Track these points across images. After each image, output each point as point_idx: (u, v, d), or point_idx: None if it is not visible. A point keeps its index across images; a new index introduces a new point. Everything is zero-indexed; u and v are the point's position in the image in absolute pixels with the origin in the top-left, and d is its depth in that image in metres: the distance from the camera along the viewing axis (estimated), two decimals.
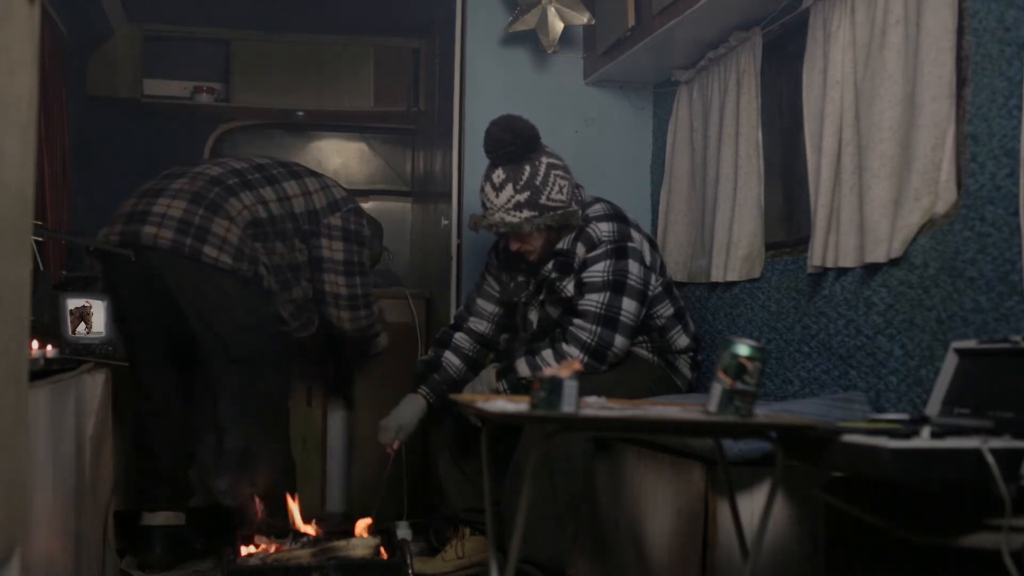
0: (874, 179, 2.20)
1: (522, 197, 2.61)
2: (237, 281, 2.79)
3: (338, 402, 3.63)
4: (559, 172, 2.66)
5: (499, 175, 2.64)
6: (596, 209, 2.74)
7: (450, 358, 2.91)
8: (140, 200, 2.86)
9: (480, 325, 2.95)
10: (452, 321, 3.05)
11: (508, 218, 2.63)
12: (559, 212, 2.64)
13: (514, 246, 2.71)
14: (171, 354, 2.95)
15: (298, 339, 3.08)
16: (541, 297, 2.78)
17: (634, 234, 2.71)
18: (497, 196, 2.63)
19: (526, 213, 2.62)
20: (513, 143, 2.61)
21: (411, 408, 2.84)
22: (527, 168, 2.62)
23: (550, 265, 2.73)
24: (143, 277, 2.79)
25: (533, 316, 2.82)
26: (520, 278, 2.84)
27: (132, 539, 3.02)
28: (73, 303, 2.31)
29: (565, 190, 2.66)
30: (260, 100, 4.24)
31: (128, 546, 3.02)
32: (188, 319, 2.81)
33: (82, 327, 2.30)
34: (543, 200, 2.62)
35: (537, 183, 2.62)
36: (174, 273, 2.77)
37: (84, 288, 2.85)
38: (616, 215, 2.73)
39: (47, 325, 2.33)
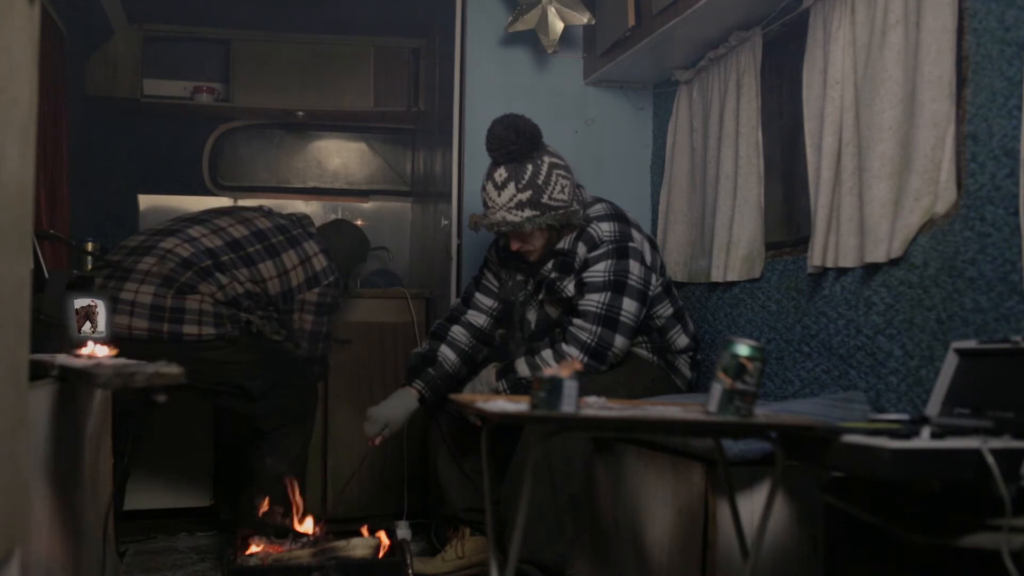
0: (874, 179, 2.20)
1: (524, 196, 2.61)
2: (226, 343, 2.77)
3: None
4: (561, 172, 2.66)
5: (501, 174, 2.63)
6: (597, 209, 2.74)
7: (446, 352, 2.89)
8: (107, 282, 2.74)
9: (478, 319, 2.95)
10: (448, 314, 3.04)
11: (510, 217, 2.63)
12: (561, 211, 2.64)
13: (515, 246, 2.70)
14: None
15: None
16: (540, 297, 2.78)
17: (635, 234, 2.71)
18: (499, 195, 2.63)
19: (528, 212, 2.62)
20: (516, 142, 2.60)
21: (402, 403, 2.81)
22: (529, 167, 2.62)
23: (550, 265, 2.73)
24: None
25: (531, 316, 2.81)
26: (519, 277, 2.83)
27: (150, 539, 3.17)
28: (79, 302, 2.31)
29: (567, 190, 2.66)
30: (260, 100, 4.24)
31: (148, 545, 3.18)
32: (192, 385, 2.83)
33: (87, 326, 2.30)
34: (545, 199, 2.62)
35: (539, 182, 2.62)
36: (158, 357, 2.73)
37: (83, 288, 2.86)
38: (617, 215, 2.73)
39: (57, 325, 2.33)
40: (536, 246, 2.70)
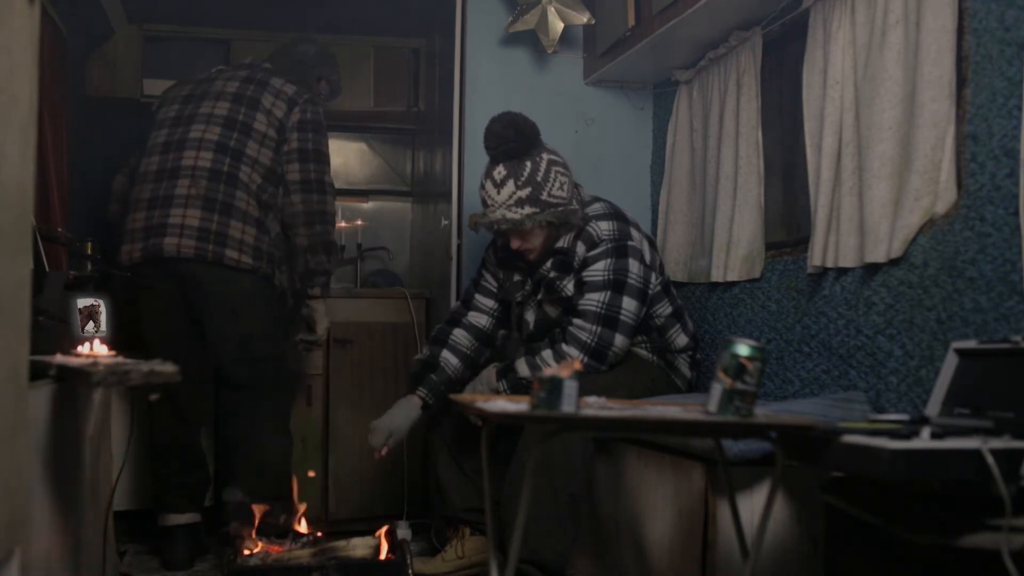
0: (874, 179, 2.20)
1: (523, 193, 2.60)
2: (258, 280, 2.92)
3: None
4: (559, 169, 2.66)
5: (500, 171, 2.63)
6: (596, 208, 2.73)
7: (448, 357, 2.88)
8: (152, 212, 2.90)
9: (479, 320, 2.94)
10: (448, 317, 3.02)
11: (509, 215, 2.62)
12: (560, 209, 2.64)
13: (515, 244, 2.69)
14: (197, 364, 3.00)
15: (318, 278, 3.13)
16: (539, 297, 2.78)
17: (634, 233, 2.71)
18: (498, 193, 2.62)
19: (528, 209, 2.61)
20: (514, 139, 2.60)
21: (405, 412, 2.81)
22: (528, 164, 2.62)
23: (549, 264, 2.72)
24: (172, 285, 2.90)
25: (530, 316, 2.81)
26: (517, 277, 2.83)
27: (151, 539, 3.16)
28: (82, 302, 2.33)
29: (566, 187, 2.66)
30: None
31: (147, 545, 3.17)
32: (214, 319, 2.91)
33: (91, 326, 2.31)
34: (544, 196, 2.61)
35: (538, 179, 2.61)
36: (200, 277, 2.87)
37: (82, 287, 2.87)
38: (616, 214, 2.73)
39: (58, 324, 2.34)
40: (535, 244, 2.69)
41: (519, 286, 2.82)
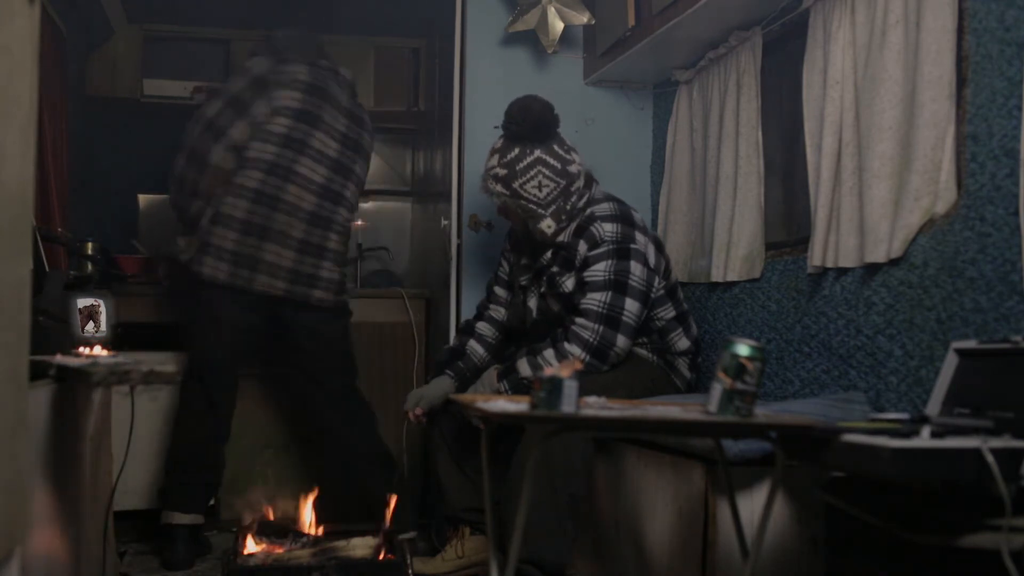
0: (874, 179, 2.20)
1: (500, 172, 2.74)
2: (337, 312, 3.13)
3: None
4: (546, 170, 2.69)
5: (498, 143, 2.78)
6: (603, 208, 2.74)
7: (474, 346, 2.98)
8: (245, 239, 2.96)
9: (497, 312, 3.02)
10: (476, 310, 3.11)
11: (488, 183, 2.79)
12: (529, 206, 2.72)
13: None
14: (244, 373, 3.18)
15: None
16: (542, 289, 2.80)
17: (638, 236, 2.71)
18: (489, 160, 2.79)
19: (498, 188, 2.75)
20: (520, 124, 2.70)
21: (438, 384, 2.91)
22: (516, 150, 2.71)
23: (549, 255, 2.75)
24: (253, 314, 3.03)
25: (532, 303, 2.84)
26: (524, 261, 2.87)
27: (151, 539, 3.20)
28: (82, 302, 2.33)
29: (544, 189, 2.69)
30: None
31: (148, 545, 3.20)
32: (297, 351, 3.12)
33: (91, 326, 2.31)
34: (515, 185, 2.72)
35: (517, 168, 2.71)
36: (284, 314, 3.05)
37: (82, 287, 2.87)
38: (622, 217, 2.73)
39: (58, 324, 2.35)
40: (511, 218, 2.84)
41: (525, 270, 2.86)
